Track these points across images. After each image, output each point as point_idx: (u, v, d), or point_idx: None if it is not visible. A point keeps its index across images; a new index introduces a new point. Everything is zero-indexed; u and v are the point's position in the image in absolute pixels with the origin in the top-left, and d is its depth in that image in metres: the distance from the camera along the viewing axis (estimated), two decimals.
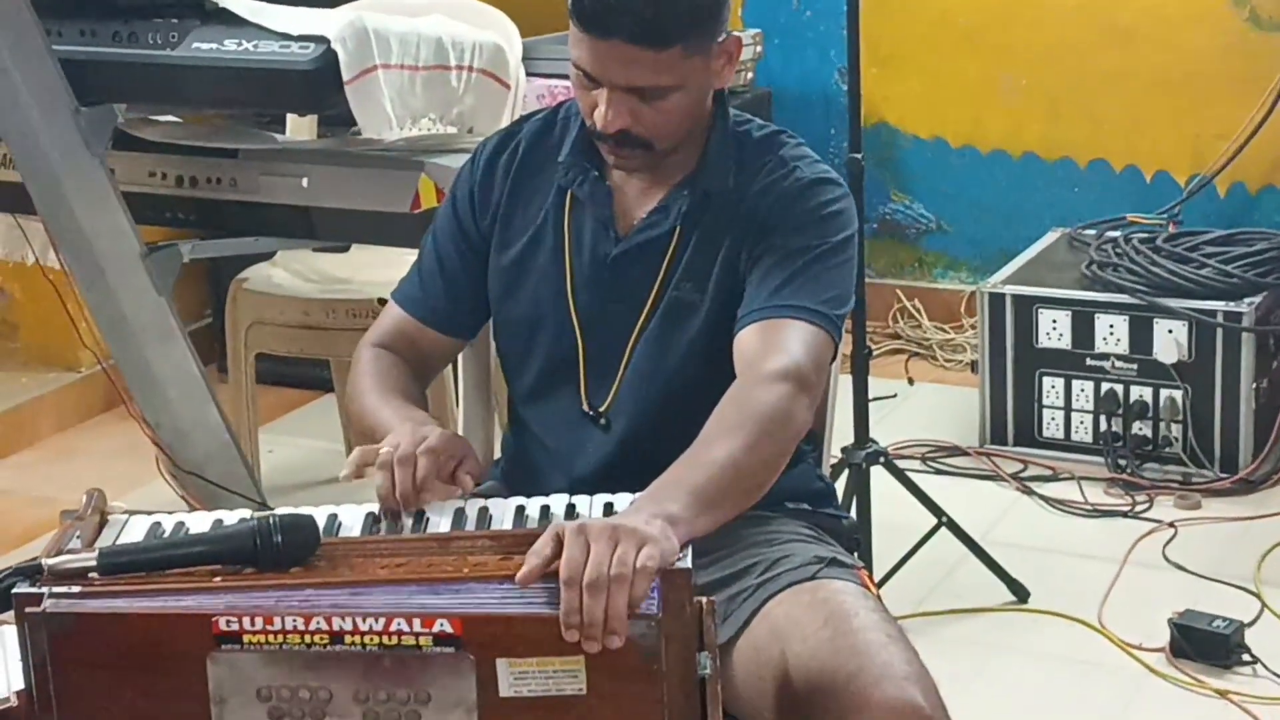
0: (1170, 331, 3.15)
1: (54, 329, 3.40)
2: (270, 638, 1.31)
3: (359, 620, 1.31)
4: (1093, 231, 3.53)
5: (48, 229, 2.53)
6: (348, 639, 1.31)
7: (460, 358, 2.04)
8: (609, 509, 1.52)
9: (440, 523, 1.54)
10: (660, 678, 1.31)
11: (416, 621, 1.30)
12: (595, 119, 1.67)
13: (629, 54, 1.61)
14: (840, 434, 2.38)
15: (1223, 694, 2.45)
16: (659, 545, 1.35)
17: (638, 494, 1.49)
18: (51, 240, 2.54)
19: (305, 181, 2.52)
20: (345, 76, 2.35)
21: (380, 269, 2.93)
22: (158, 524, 1.51)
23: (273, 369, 3.42)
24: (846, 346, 2.02)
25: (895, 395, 3.62)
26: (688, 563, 1.37)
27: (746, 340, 1.65)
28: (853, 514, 2.61)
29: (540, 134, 1.81)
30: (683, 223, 1.73)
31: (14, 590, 1.34)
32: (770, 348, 1.63)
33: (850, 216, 1.74)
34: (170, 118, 2.70)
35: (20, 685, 1.38)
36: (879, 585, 1.94)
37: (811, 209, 1.71)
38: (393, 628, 1.31)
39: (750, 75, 3.77)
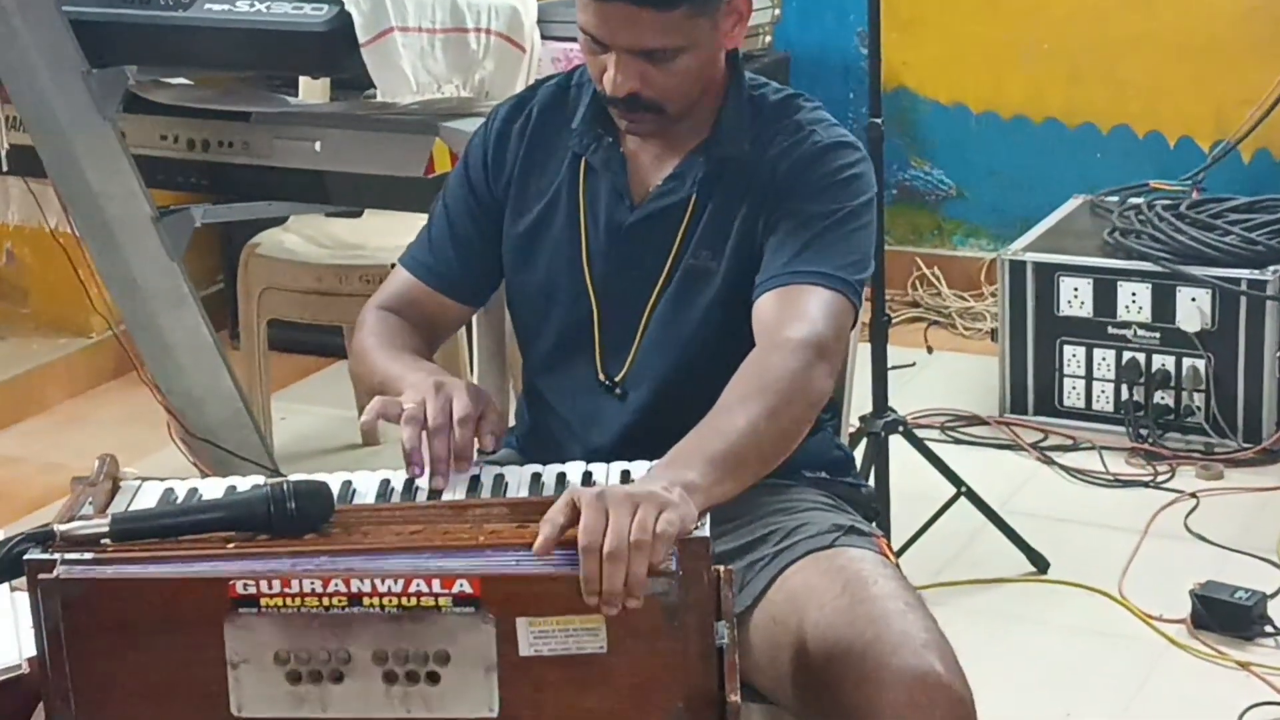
0: (1193, 299, 3.12)
1: (65, 294, 3.38)
2: (288, 600, 1.30)
3: (377, 582, 1.30)
4: (1115, 198, 3.49)
5: (58, 192, 2.51)
6: (366, 600, 1.30)
7: (475, 327, 2.02)
8: (625, 477, 1.51)
9: (455, 490, 1.52)
10: (681, 634, 1.30)
11: (436, 582, 1.29)
12: (604, 83, 1.65)
13: (634, 16, 1.59)
14: (859, 402, 2.36)
15: (1244, 665, 2.44)
16: (678, 510, 1.34)
17: (655, 462, 1.47)
18: (62, 204, 2.52)
19: (318, 145, 2.50)
20: (361, 39, 2.33)
21: (394, 234, 2.90)
22: (170, 490, 1.50)
23: (285, 335, 3.41)
24: (865, 314, 2.00)
25: (914, 364, 3.60)
26: (706, 531, 1.35)
27: (765, 307, 1.63)
28: (871, 483, 2.60)
29: (554, 100, 1.79)
30: (699, 189, 1.70)
31: (26, 556, 1.33)
32: (790, 314, 1.61)
33: (869, 180, 1.72)
34: (182, 80, 2.68)
35: (33, 652, 1.37)
36: (897, 555, 1.92)
37: (829, 173, 1.68)
38: (412, 589, 1.30)
39: (768, 39, 3.72)
